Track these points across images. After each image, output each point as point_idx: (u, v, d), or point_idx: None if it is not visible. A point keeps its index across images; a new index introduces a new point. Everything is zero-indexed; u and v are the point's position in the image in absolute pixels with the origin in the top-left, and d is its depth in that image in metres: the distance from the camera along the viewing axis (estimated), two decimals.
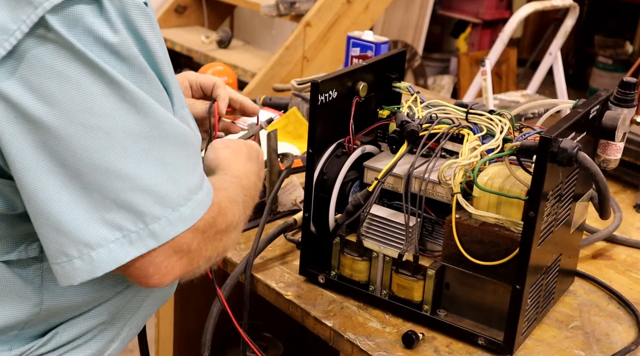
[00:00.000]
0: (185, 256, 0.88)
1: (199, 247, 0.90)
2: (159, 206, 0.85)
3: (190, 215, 0.87)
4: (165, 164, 0.85)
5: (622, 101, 1.25)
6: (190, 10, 3.83)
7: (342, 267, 1.28)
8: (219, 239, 0.94)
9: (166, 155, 0.86)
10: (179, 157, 0.87)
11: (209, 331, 1.24)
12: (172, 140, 0.86)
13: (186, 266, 0.89)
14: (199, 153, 0.94)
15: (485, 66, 2.66)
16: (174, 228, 0.86)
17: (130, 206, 0.83)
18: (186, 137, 0.89)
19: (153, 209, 0.84)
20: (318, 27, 3.24)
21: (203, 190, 0.90)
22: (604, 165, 1.27)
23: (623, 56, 5.13)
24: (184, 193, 0.87)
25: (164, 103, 0.88)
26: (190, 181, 0.88)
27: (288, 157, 1.44)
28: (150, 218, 0.84)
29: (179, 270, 0.89)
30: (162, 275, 0.87)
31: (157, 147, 0.85)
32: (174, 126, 0.87)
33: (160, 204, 0.85)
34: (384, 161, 1.24)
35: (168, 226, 0.85)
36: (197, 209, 0.88)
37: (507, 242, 1.11)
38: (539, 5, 3.05)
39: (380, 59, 1.34)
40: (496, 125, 1.21)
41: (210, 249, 0.92)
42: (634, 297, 1.33)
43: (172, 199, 0.86)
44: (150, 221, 0.84)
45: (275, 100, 2.08)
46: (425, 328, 1.21)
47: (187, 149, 0.89)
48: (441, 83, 4.85)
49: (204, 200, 0.89)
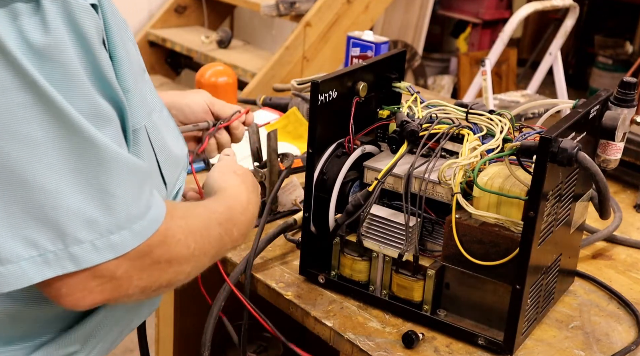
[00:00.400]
0: (109, 283, 0.83)
1: (127, 275, 0.84)
2: (85, 229, 0.80)
3: (120, 244, 0.82)
4: (99, 190, 0.81)
5: (622, 101, 1.25)
6: (190, 10, 3.83)
7: (342, 267, 1.28)
8: (161, 270, 0.88)
9: (102, 179, 0.81)
10: (116, 184, 0.82)
11: (209, 331, 1.24)
12: (109, 165, 0.81)
13: (110, 293, 0.84)
14: (146, 180, 0.87)
15: (485, 66, 2.66)
16: (99, 254, 0.81)
17: (52, 223, 0.79)
18: (128, 164, 0.83)
19: (77, 232, 0.80)
20: (318, 27, 3.24)
21: (145, 220, 0.84)
22: (604, 165, 1.27)
23: (623, 56, 5.13)
24: (118, 221, 0.82)
25: (100, 118, 0.82)
26: (128, 211, 0.83)
27: (288, 157, 1.44)
28: (72, 240, 0.80)
29: (100, 296, 0.84)
30: (77, 299, 0.83)
31: (91, 169, 0.80)
32: (109, 150, 0.81)
33: (87, 228, 0.80)
34: (384, 161, 1.24)
35: (92, 251, 0.81)
36: (130, 239, 0.83)
37: (507, 242, 1.11)
38: (539, 5, 3.05)
39: (380, 59, 1.34)
40: (496, 125, 1.21)
41: (145, 280, 0.87)
42: (634, 297, 1.33)
43: (102, 225, 0.81)
44: (72, 243, 0.80)
45: (275, 100, 2.08)
46: (425, 328, 1.21)
47: (128, 177, 0.83)
48: (441, 83, 4.86)
49: (143, 231, 0.84)
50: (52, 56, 0.77)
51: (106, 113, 0.83)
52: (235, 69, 3.22)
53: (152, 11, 3.82)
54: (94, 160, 0.80)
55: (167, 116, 1.09)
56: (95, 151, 0.80)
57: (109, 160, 0.81)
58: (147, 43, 3.70)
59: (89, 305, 0.84)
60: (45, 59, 0.77)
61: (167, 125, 1.07)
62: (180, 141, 1.12)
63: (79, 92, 0.79)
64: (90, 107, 0.80)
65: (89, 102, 0.80)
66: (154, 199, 0.87)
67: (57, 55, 0.77)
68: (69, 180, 0.79)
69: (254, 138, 1.47)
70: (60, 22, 0.77)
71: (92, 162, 0.80)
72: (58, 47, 0.77)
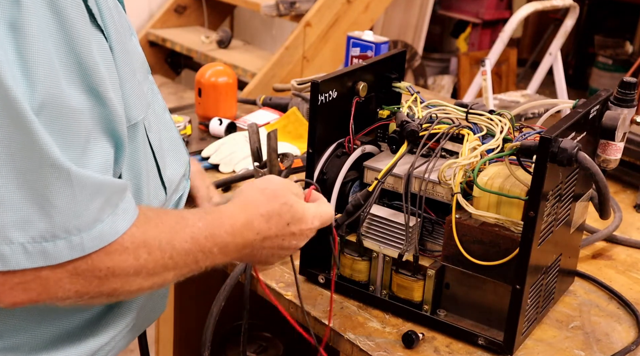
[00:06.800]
0: (34, 283, 0.80)
1: (56, 278, 0.81)
2: (17, 230, 0.77)
3: (54, 253, 0.79)
4: (39, 194, 0.77)
5: (622, 101, 1.25)
6: (190, 10, 3.82)
7: (342, 267, 1.28)
8: (101, 279, 0.83)
9: (41, 184, 0.77)
10: (55, 192, 0.77)
11: (209, 331, 1.24)
12: (50, 171, 0.77)
13: (37, 295, 0.81)
14: (99, 194, 0.81)
15: (485, 66, 2.66)
16: (30, 260, 0.78)
17: None
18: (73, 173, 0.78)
19: (10, 230, 0.76)
20: (318, 27, 3.24)
21: (89, 234, 0.80)
22: (604, 165, 1.27)
23: (623, 56, 5.13)
24: (54, 229, 0.78)
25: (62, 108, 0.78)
26: (66, 221, 0.79)
27: (288, 157, 1.44)
28: (2, 238, 0.76)
29: (25, 295, 0.80)
30: None
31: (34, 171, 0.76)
32: (53, 158, 0.76)
33: (21, 228, 0.77)
34: (384, 161, 1.24)
35: (22, 254, 0.78)
36: (66, 251, 0.79)
37: (507, 242, 1.11)
38: (539, 5, 3.05)
39: (380, 59, 1.34)
40: (496, 125, 1.21)
41: (80, 285, 0.83)
42: (634, 297, 1.33)
43: (36, 229, 0.77)
44: (2, 241, 0.76)
45: (275, 100, 2.08)
46: (425, 328, 1.21)
47: (69, 188, 0.78)
48: (441, 83, 4.85)
49: (84, 244, 0.80)
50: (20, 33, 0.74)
51: (72, 104, 0.79)
52: (235, 69, 3.22)
53: (152, 11, 3.81)
54: (36, 163, 0.76)
55: (169, 120, 1.09)
56: (39, 155, 0.76)
57: (51, 167, 0.77)
58: (147, 43, 3.70)
59: (11, 304, 0.81)
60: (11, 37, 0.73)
61: (169, 129, 1.06)
62: (181, 148, 1.11)
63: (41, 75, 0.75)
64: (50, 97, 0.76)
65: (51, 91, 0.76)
66: (106, 214, 0.82)
67: (24, 30, 0.74)
68: (11, 177, 0.76)
69: (254, 138, 1.47)
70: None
71: (35, 165, 0.76)
72: (26, 24, 0.74)
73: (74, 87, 0.79)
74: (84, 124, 0.81)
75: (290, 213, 1.00)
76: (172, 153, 1.07)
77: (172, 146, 1.08)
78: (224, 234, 0.93)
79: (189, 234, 0.90)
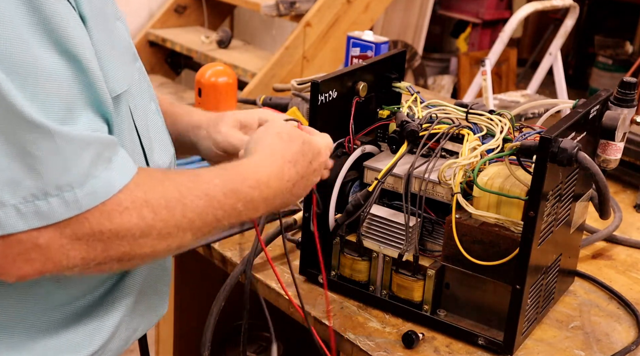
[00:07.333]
0: (35, 252, 0.78)
1: (58, 245, 0.78)
2: (6, 192, 0.75)
3: (48, 211, 0.76)
4: (24, 152, 0.75)
5: (622, 101, 1.25)
6: (190, 10, 3.82)
7: (342, 267, 1.28)
8: (105, 242, 0.80)
9: (25, 143, 0.74)
10: (38, 148, 0.75)
11: (209, 331, 1.24)
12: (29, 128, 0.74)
13: (42, 266, 0.79)
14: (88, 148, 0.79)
15: (485, 66, 2.66)
16: (25, 221, 0.76)
17: None
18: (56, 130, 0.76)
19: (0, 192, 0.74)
20: (318, 27, 3.24)
21: (82, 190, 0.78)
22: (604, 165, 1.27)
23: (623, 56, 5.12)
24: (44, 186, 0.76)
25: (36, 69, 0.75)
26: (56, 177, 0.76)
27: None
28: None
29: (30, 269, 0.78)
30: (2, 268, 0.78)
31: (14, 132, 0.74)
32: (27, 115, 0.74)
33: (10, 189, 0.75)
34: (384, 161, 1.24)
35: (17, 217, 0.75)
36: (61, 208, 0.77)
37: (507, 242, 1.11)
38: (539, 5, 3.05)
39: (380, 59, 1.34)
40: (496, 125, 1.21)
41: (84, 251, 0.80)
42: (634, 297, 1.33)
43: (26, 189, 0.75)
44: None
45: (275, 100, 2.08)
46: (425, 328, 1.21)
47: (52, 143, 0.76)
48: (441, 83, 4.86)
49: (78, 201, 0.77)
50: None
51: (45, 66, 0.76)
52: (235, 69, 3.22)
53: (152, 11, 3.81)
54: (15, 123, 0.74)
55: (155, 110, 1.04)
56: (15, 116, 0.74)
57: (29, 124, 0.74)
58: (147, 43, 3.70)
59: (19, 277, 0.79)
60: None
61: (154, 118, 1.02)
62: (167, 138, 1.07)
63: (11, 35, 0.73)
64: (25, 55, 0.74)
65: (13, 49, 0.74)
66: (99, 170, 0.79)
67: None
68: None
69: None
70: None
71: (13, 126, 0.74)
72: None
73: (44, 48, 0.76)
74: (65, 89, 0.78)
75: (310, 150, 1.00)
76: (158, 142, 1.02)
77: (158, 135, 1.03)
78: (248, 188, 0.90)
79: (202, 191, 0.86)
